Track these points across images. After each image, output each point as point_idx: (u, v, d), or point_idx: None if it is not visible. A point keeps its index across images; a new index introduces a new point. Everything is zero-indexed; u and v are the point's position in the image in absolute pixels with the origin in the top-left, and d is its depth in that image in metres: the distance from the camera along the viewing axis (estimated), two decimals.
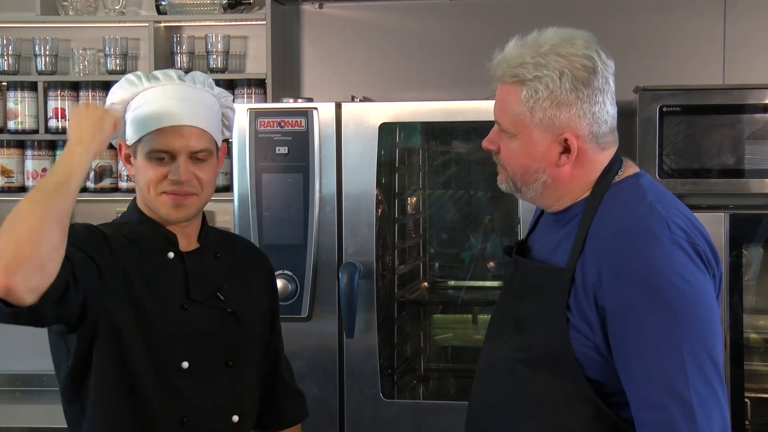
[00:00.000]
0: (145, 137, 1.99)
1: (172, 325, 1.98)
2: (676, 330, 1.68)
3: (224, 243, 2.18)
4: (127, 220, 2.07)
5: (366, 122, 2.98)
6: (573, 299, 1.77)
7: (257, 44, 3.92)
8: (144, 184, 2.00)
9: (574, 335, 1.77)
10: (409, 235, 3.54)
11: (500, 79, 1.84)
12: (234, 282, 2.10)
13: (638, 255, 1.72)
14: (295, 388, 2.32)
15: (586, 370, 1.77)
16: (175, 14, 3.89)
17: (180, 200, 1.99)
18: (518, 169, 1.86)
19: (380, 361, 2.99)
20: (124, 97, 2.04)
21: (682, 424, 1.66)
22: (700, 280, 1.72)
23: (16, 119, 3.90)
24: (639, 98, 3.04)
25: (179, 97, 2.01)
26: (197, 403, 2.00)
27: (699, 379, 1.67)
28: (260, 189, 2.99)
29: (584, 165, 1.85)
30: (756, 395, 2.94)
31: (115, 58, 3.90)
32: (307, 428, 2.96)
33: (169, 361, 1.98)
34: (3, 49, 3.95)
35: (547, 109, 1.80)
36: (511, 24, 3.73)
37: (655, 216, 1.76)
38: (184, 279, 2.02)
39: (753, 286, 3.06)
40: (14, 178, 3.94)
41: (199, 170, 2.00)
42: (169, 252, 2.03)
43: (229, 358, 2.05)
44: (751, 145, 3.00)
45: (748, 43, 3.60)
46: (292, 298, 2.96)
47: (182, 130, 1.98)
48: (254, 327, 2.13)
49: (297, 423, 2.33)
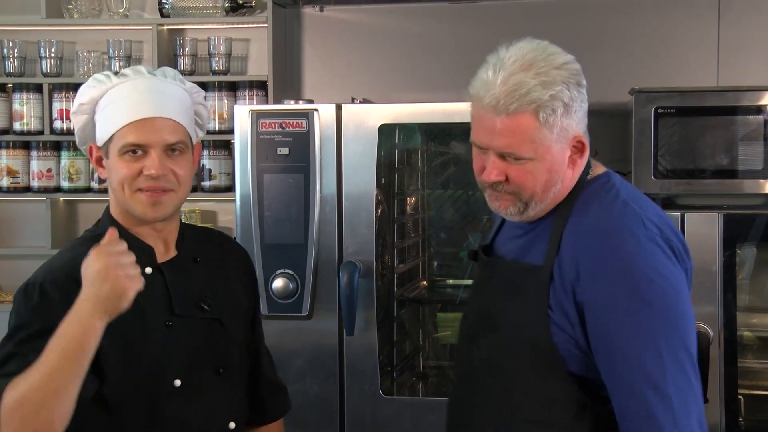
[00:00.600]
0: (116, 134, 1.86)
1: (158, 346, 1.86)
2: (654, 323, 1.71)
3: (202, 244, 2.06)
4: (101, 232, 1.88)
5: (366, 123, 2.97)
6: (552, 296, 1.79)
7: (259, 47, 3.92)
8: (118, 183, 1.87)
9: (555, 331, 1.78)
10: (409, 235, 3.53)
11: (514, 112, 1.75)
12: (216, 286, 2.00)
13: (616, 251, 1.74)
14: (276, 382, 2.24)
15: (568, 365, 1.78)
16: (177, 17, 3.88)
17: (157, 197, 1.86)
18: (539, 187, 1.81)
19: (380, 359, 2.98)
20: (93, 96, 1.91)
21: (662, 415, 1.69)
22: (675, 275, 1.76)
23: (21, 120, 3.89)
24: (634, 100, 3.03)
25: (150, 90, 1.90)
26: (193, 418, 1.92)
27: (676, 371, 1.70)
28: (262, 189, 2.97)
29: (579, 165, 1.86)
30: (749, 392, 2.94)
31: (119, 61, 3.88)
32: (307, 425, 2.95)
33: (160, 382, 1.88)
34: (9, 52, 3.94)
35: (563, 122, 1.78)
36: (507, 27, 3.74)
37: (630, 213, 1.79)
38: (166, 293, 1.90)
39: (746, 284, 3.05)
40: (20, 178, 3.93)
41: (175, 165, 1.87)
42: (146, 267, 1.87)
43: (219, 366, 1.96)
44: (744, 146, 2.99)
45: (741, 46, 3.60)
46: (293, 297, 2.95)
47: (155, 122, 1.86)
48: (239, 329, 2.05)
49: (280, 417, 2.25)
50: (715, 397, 2.82)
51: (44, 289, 1.81)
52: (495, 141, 1.79)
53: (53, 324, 1.72)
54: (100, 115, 1.91)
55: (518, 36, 3.68)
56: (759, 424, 2.93)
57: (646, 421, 1.69)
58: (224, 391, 1.98)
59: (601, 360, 1.75)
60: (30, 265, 1.94)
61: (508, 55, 1.80)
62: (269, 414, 2.21)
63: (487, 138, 1.80)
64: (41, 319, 1.77)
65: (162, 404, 1.88)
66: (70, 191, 3.90)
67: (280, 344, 2.89)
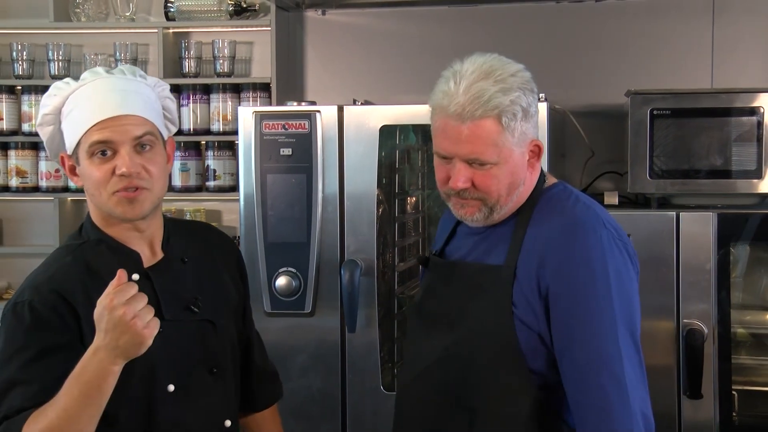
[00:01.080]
0: (83, 137, 1.80)
1: (150, 353, 1.73)
2: (612, 316, 1.79)
3: (188, 241, 2.00)
4: (84, 239, 1.88)
5: (367, 125, 2.97)
6: (517, 293, 1.84)
7: (262, 49, 3.92)
8: (94, 187, 1.81)
9: (519, 327, 1.83)
10: (409, 234, 3.53)
11: (479, 117, 1.80)
12: (205, 285, 1.96)
13: (580, 245, 1.82)
14: (267, 369, 2.20)
15: (529, 362, 1.83)
16: (183, 20, 3.88)
17: (132, 196, 1.80)
18: (504, 190, 1.87)
19: (381, 355, 2.98)
20: (55, 104, 1.86)
21: (617, 403, 1.76)
22: (630, 272, 1.86)
23: (30, 122, 3.89)
24: (630, 101, 3.03)
25: (112, 90, 1.83)
26: (188, 420, 1.89)
27: (630, 362, 1.78)
28: (265, 189, 2.97)
29: (536, 168, 1.94)
30: (743, 387, 2.93)
31: (126, 63, 3.87)
32: (310, 419, 2.95)
33: (154, 389, 1.84)
34: (18, 54, 3.94)
35: (522, 126, 1.84)
36: (506, 30, 3.74)
37: (591, 214, 1.87)
38: (154, 299, 1.82)
39: (740, 282, 3.05)
40: (28, 178, 3.93)
41: (146, 161, 1.81)
42: (133, 274, 1.79)
43: (212, 366, 1.94)
44: (738, 147, 2.99)
45: (735, 49, 3.60)
46: (296, 295, 2.95)
47: (120, 119, 1.80)
48: (230, 326, 2.02)
49: (271, 404, 2.22)
50: (710, 392, 2.82)
51: (34, 308, 1.76)
52: (461, 148, 1.83)
53: (49, 344, 1.72)
54: (65, 123, 1.85)
55: (517, 38, 3.70)
56: (752, 419, 2.93)
57: (600, 401, 1.76)
58: (218, 390, 1.95)
59: (561, 350, 1.81)
60: (39, 263, 1.93)
61: (465, 67, 1.86)
62: (260, 402, 2.18)
63: (453, 146, 1.84)
64: (36, 340, 1.74)
65: (156, 409, 1.85)
66: (77, 191, 3.89)
67: (283, 341, 2.90)
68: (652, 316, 2.83)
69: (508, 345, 1.83)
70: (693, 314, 2.83)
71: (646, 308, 2.80)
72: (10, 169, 3.93)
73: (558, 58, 3.69)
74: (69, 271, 1.81)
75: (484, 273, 1.91)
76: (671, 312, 2.84)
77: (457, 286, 1.96)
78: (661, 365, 2.83)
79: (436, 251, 2.10)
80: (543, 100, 2.81)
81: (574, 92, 3.62)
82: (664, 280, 2.83)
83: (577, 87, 3.66)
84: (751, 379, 3.02)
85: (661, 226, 2.85)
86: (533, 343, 1.83)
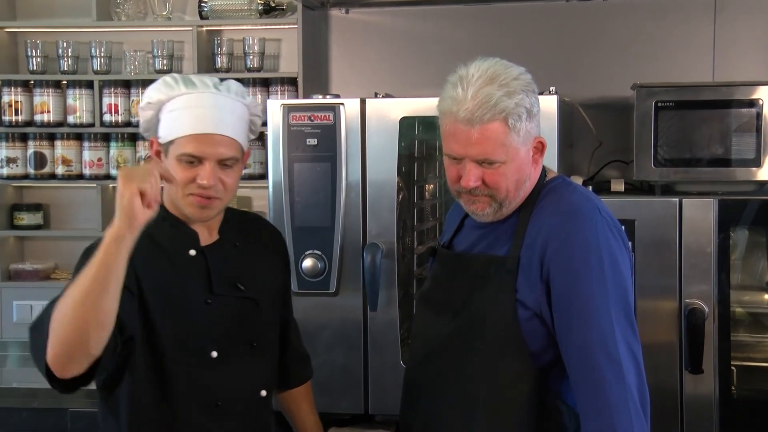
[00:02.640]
0: (177, 140, 1.90)
1: (198, 320, 1.91)
2: (606, 296, 1.79)
3: (242, 228, 2.10)
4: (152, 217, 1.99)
5: (388, 116, 2.96)
6: (520, 280, 1.84)
7: (290, 46, 3.91)
8: (173, 184, 1.91)
9: (521, 310, 1.83)
10: (427, 219, 3.53)
11: (488, 121, 1.81)
12: (253, 268, 2.04)
13: (579, 229, 1.83)
14: (302, 351, 2.29)
15: (530, 344, 1.83)
16: (215, 19, 3.89)
17: (205, 203, 1.92)
18: (512, 186, 1.88)
19: (400, 332, 2.98)
20: (160, 98, 1.94)
21: (613, 381, 1.75)
22: (624, 256, 1.87)
23: (74, 114, 3.92)
24: (636, 95, 3.01)
25: (213, 106, 1.92)
26: (228, 386, 1.96)
27: (625, 341, 1.78)
28: (292, 177, 2.97)
29: (540, 164, 1.95)
30: (741, 363, 2.92)
31: (162, 59, 3.90)
32: (335, 391, 2.96)
33: (199, 353, 1.93)
34: (63, 52, 3.96)
35: (527, 126, 1.85)
36: (518, 27, 3.72)
37: (590, 204, 1.88)
38: (206, 274, 1.95)
39: (739, 265, 3.03)
40: (73, 166, 3.95)
41: (225, 175, 1.92)
42: (191, 249, 1.95)
43: (252, 340, 2.01)
44: (737, 137, 2.97)
45: (735, 44, 3.57)
46: (321, 276, 2.95)
47: (214, 138, 1.90)
48: (272, 307, 2.09)
49: (304, 382, 2.30)
50: (710, 368, 2.81)
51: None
52: (471, 150, 1.84)
53: None
54: (165, 116, 1.93)
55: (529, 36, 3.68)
56: (750, 393, 2.92)
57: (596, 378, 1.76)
58: (256, 362, 2.01)
59: (561, 331, 1.81)
60: (83, 246, 1.94)
61: (470, 72, 1.87)
62: (294, 380, 2.25)
63: (464, 149, 1.85)
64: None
65: (201, 372, 1.91)
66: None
67: (309, 319, 2.90)
68: (656, 297, 2.83)
69: (510, 329, 1.83)
70: (694, 294, 2.82)
71: (650, 289, 2.82)
72: (56, 159, 3.95)
73: (567, 54, 3.68)
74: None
75: (488, 264, 1.91)
76: (674, 292, 2.82)
77: (462, 276, 1.96)
78: (664, 342, 2.82)
79: (444, 243, 2.09)
80: (553, 93, 2.80)
81: (582, 86, 3.60)
82: (667, 262, 2.81)
83: (585, 81, 3.64)
84: (749, 356, 3.00)
85: (665, 212, 2.83)
86: (534, 325, 1.83)
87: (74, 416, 3.29)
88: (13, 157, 3.95)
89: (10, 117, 3.94)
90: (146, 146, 3.81)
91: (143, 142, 3.88)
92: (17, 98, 3.94)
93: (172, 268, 1.93)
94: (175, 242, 1.93)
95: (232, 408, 1.96)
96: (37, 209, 4.04)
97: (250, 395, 2.02)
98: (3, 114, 3.95)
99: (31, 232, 4.05)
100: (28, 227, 4.02)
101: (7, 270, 4.01)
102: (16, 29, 4.08)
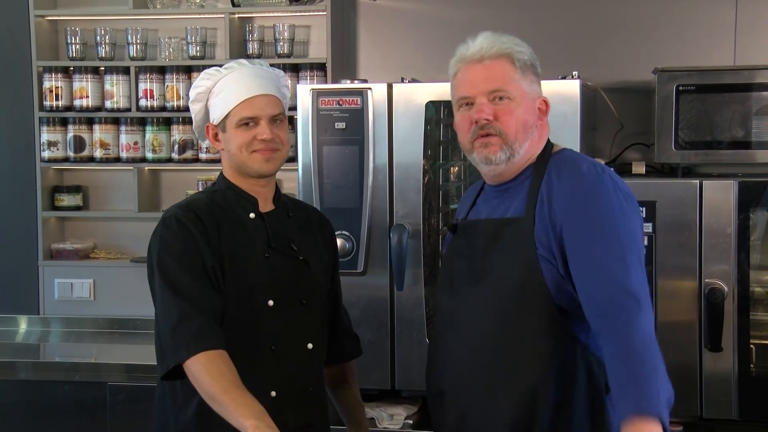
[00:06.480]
0: (232, 111, 2.12)
1: (259, 272, 2.11)
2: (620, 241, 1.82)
3: (294, 206, 2.30)
4: (217, 188, 2.20)
5: (414, 101, 2.95)
6: (538, 235, 1.87)
7: (319, 32, 3.90)
8: (237, 148, 2.12)
9: (543, 264, 1.86)
10: (452, 200, 3.51)
11: (495, 56, 1.93)
12: (303, 236, 2.23)
13: (588, 188, 1.87)
14: (351, 330, 2.43)
15: (554, 298, 1.86)
16: (247, 6, 3.89)
17: (269, 155, 2.13)
18: (520, 125, 1.92)
19: (426, 310, 2.98)
20: (207, 85, 2.17)
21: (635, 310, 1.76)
22: (635, 213, 1.91)
23: (112, 99, 3.94)
24: (657, 78, 2.98)
25: (254, 75, 2.15)
26: (281, 334, 2.13)
27: (641, 283, 1.81)
28: (321, 159, 2.98)
29: (545, 124, 1.99)
30: (760, 341, 2.90)
31: (196, 46, 3.90)
32: (363, 367, 2.97)
33: (258, 301, 2.11)
34: (101, 39, 3.97)
35: (530, 77, 1.95)
36: (542, 13, 3.68)
37: (599, 168, 1.93)
38: (265, 233, 2.15)
39: (758, 245, 2.99)
40: (111, 150, 3.98)
41: (278, 130, 2.14)
42: (251, 213, 2.16)
43: (302, 297, 2.17)
44: (758, 120, 2.95)
45: (757, 27, 3.51)
46: (350, 255, 2.96)
47: (262, 99, 2.12)
48: (319, 274, 2.24)
49: (353, 358, 2.42)
50: (729, 346, 2.78)
51: (178, 218, 2.08)
52: (482, 85, 1.93)
53: (192, 241, 2.04)
54: (214, 100, 2.16)
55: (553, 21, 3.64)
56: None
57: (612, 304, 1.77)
58: (305, 318, 2.18)
59: (578, 274, 1.83)
60: (121, 226, 2.02)
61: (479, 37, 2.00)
62: (344, 354, 2.39)
63: (474, 87, 1.94)
64: (182, 242, 2.05)
65: (259, 319, 2.11)
66: (153, 161, 3.94)
67: None
68: (676, 276, 2.80)
69: (535, 281, 1.85)
70: (714, 274, 2.79)
71: (670, 268, 2.80)
72: (94, 142, 3.97)
73: (590, 38, 3.65)
74: (203, 203, 2.15)
75: (504, 226, 1.93)
76: (694, 272, 2.80)
77: (480, 242, 1.97)
78: (685, 321, 2.80)
79: (463, 218, 2.11)
80: (576, 77, 2.79)
81: (604, 70, 3.57)
82: (688, 242, 2.79)
83: (607, 65, 3.60)
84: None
85: (686, 193, 2.80)
86: (555, 278, 1.86)
87: (113, 389, 3.33)
88: (54, 140, 3.98)
89: (51, 102, 3.96)
90: (180, 130, 3.88)
91: (177, 126, 3.89)
92: (58, 84, 3.96)
93: (236, 229, 2.13)
94: (238, 207, 2.15)
95: (285, 354, 2.12)
96: (76, 191, 4.07)
97: (299, 346, 2.16)
98: (44, 99, 3.98)
99: (71, 213, 4.08)
100: (68, 208, 4.05)
101: (48, 249, 4.05)
102: (56, 17, 4.10)
